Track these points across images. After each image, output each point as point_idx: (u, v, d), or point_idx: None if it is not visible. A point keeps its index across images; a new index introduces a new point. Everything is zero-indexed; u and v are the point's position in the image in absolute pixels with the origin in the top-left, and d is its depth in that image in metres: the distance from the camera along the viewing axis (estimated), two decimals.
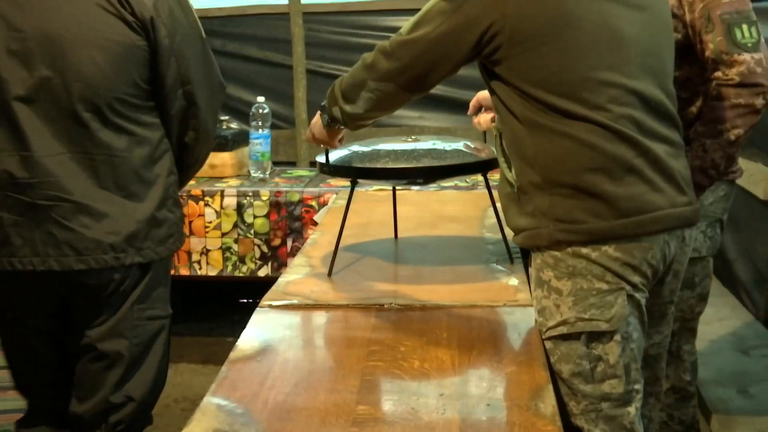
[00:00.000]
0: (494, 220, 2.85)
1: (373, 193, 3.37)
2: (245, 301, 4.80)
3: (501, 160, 1.91)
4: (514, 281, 2.21)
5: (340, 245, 2.44)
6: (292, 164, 4.91)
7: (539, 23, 1.72)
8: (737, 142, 2.16)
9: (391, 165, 2.19)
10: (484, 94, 2.30)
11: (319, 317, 2.00)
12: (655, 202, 1.78)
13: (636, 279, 1.79)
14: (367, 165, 2.20)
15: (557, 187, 1.78)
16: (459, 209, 3.09)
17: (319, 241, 2.65)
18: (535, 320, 1.90)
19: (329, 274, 2.27)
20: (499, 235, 2.62)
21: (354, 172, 2.23)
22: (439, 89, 4.65)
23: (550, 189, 1.78)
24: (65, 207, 2.06)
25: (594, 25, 1.73)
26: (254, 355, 1.78)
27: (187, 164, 2.29)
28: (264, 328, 1.94)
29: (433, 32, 1.78)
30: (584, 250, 1.77)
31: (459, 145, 2.32)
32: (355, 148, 2.34)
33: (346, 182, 3.67)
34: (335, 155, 2.29)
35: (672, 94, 1.86)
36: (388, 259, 2.45)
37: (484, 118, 2.37)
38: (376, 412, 1.52)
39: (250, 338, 1.88)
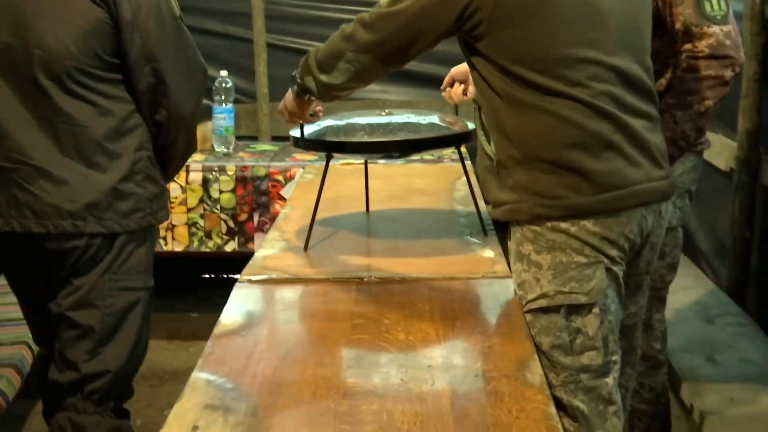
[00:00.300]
0: (464, 192, 2.89)
1: (341, 167, 3.36)
2: (208, 276, 4.80)
3: (480, 133, 1.92)
4: (489, 253, 2.23)
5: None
6: (254, 138, 4.87)
7: (519, 7, 1.73)
8: (707, 114, 2.19)
9: (367, 139, 2.19)
10: (457, 69, 2.31)
11: (300, 291, 2.00)
12: (633, 177, 1.80)
13: (614, 252, 1.82)
14: (343, 139, 2.20)
15: (537, 162, 1.79)
16: (427, 182, 3.09)
17: (290, 215, 2.65)
18: (515, 291, 1.92)
19: (305, 248, 2.27)
20: (471, 207, 2.65)
21: (330, 146, 2.22)
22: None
23: (529, 164, 1.80)
24: (26, 170, 2.10)
25: (575, 1, 1.75)
26: (239, 330, 1.78)
27: (161, 145, 2.27)
28: (245, 302, 1.94)
29: (414, 5, 1.78)
30: (563, 225, 1.79)
31: (433, 118, 2.33)
32: (329, 122, 2.34)
33: (313, 156, 3.73)
34: (309, 129, 2.29)
35: (650, 69, 1.88)
36: (361, 233, 2.46)
37: (455, 92, 2.38)
38: (366, 384, 1.53)
39: (232, 313, 1.88)
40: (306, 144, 2.25)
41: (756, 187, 3.44)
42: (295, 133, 2.30)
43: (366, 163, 2.66)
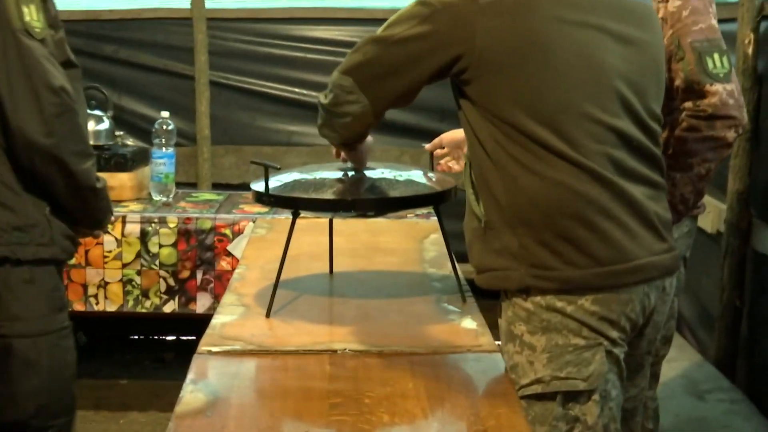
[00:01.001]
0: (434, 253, 2.90)
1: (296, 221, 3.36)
2: (137, 337, 4.74)
3: (469, 191, 1.93)
4: (471, 323, 2.22)
5: (271, 281, 2.42)
6: (193, 186, 4.86)
7: (508, 50, 1.75)
8: (707, 176, 2.24)
9: (340, 196, 2.19)
10: (448, 137, 2.33)
11: (267, 365, 1.98)
12: (632, 251, 1.81)
13: (614, 334, 1.83)
14: (313, 195, 2.20)
15: (527, 228, 1.81)
16: (393, 240, 3.09)
17: (246, 276, 2.63)
18: (505, 369, 1.92)
19: (267, 314, 2.25)
20: (444, 270, 2.66)
21: (298, 203, 2.22)
22: None
23: (519, 229, 1.81)
24: None
25: (570, 53, 1.77)
26: (203, 409, 1.75)
27: (34, 176, 2.28)
28: (208, 377, 1.91)
29: (400, 34, 1.82)
30: (559, 304, 1.81)
31: (413, 174, 2.34)
32: (296, 175, 2.34)
33: (263, 209, 3.71)
34: (273, 183, 2.28)
35: (656, 134, 1.90)
36: (327, 298, 2.44)
37: (444, 164, 2.40)
38: None
39: (194, 389, 1.84)
40: (271, 200, 2.24)
41: (746, 252, 3.51)
42: (258, 186, 2.29)
43: (331, 221, 2.66)
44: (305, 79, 4.91)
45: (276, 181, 2.30)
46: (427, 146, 2.39)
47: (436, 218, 3.39)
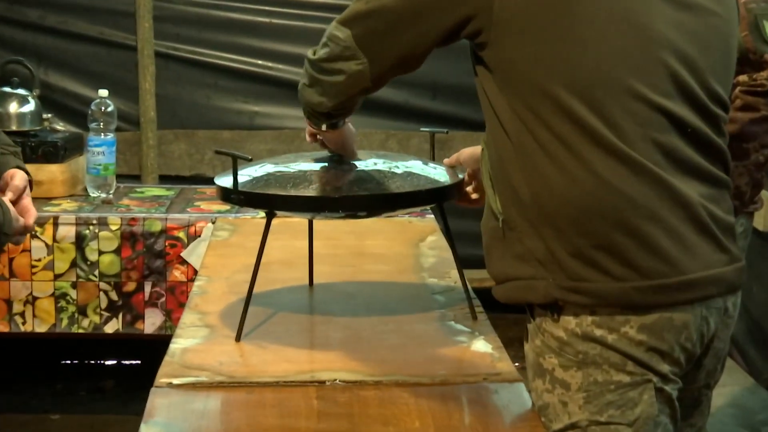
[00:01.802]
0: (434, 259, 2.89)
1: (261, 221, 3.33)
2: (69, 362, 4.72)
3: (486, 182, 1.90)
4: (485, 346, 2.21)
5: (238, 296, 2.39)
6: (136, 179, 4.82)
7: (532, 7, 1.74)
8: (766, 165, 2.22)
9: (324, 192, 2.16)
10: (468, 153, 2.28)
11: (241, 400, 1.95)
12: (684, 263, 1.78)
13: (665, 368, 1.80)
14: (292, 192, 2.17)
15: (553, 231, 1.78)
16: (383, 244, 3.08)
17: (208, 290, 2.60)
18: (532, 402, 1.90)
19: (238, 337, 2.23)
20: (446, 281, 2.65)
21: (274, 202, 2.19)
22: None
23: (544, 230, 1.79)
24: None
25: (607, 12, 1.74)
26: None
27: None
28: (170, 417, 1.89)
29: None
30: (598, 332, 1.78)
31: (408, 164, 2.32)
32: (270, 167, 2.31)
33: (224, 206, 3.68)
34: (241, 177, 2.25)
35: (717, 121, 1.85)
36: (308, 316, 2.43)
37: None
38: None
39: None
40: (241, 198, 2.21)
41: None
42: (224, 181, 2.26)
43: (311, 222, 2.63)
44: (271, 49, 4.88)
45: (244, 175, 2.26)
46: (448, 164, 2.36)
47: (431, 216, 3.42)
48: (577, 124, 1.74)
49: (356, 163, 2.28)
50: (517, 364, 2.14)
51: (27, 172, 2.47)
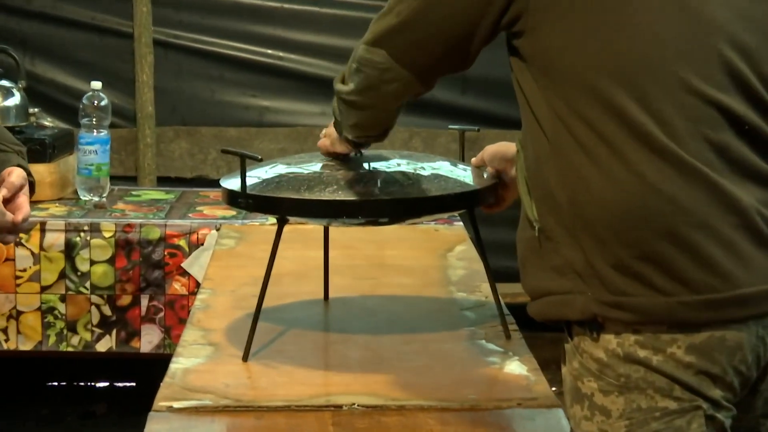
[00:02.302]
0: (463, 271, 2.91)
1: (270, 227, 3.34)
2: (57, 384, 4.73)
3: (522, 189, 1.90)
4: (520, 367, 2.22)
5: (246, 311, 2.41)
6: (132, 180, 4.84)
7: None
8: None
9: (342, 196, 2.18)
10: (493, 150, 2.30)
11: (249, 426, 1.98)
12: (739, 276, 1.77)
13: (717, 393, 1.80)
14: (306, 195, 2.19)
15: (593, 240, 1.78)
16: (407, 254, 3.10)
17: (212, 304, 2.62)
18: (571, 431, 1.90)
19: (245, 357, 2.25)
20: (477, 295, 2.67)
21: (287, 207, 2.20)
22: None
23: (583, 239, 1.79)
24: None
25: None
26: None
27: None
28: None
29: None
30: (642, 353, 1.78)
31: (436, 165, 2.33)
32: (281, 168, 2.32)
33: (230, 211, 3.69)
34: (252, 178, 2.27)
35: None
36: (323, 333, 2.45)
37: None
38: None
39: None
40: (250, 202, 2.23)
41: None
42: (231, 183, 2.28)
43: (326, 230, 2.64)
44: (283, 37, 4.89)
45: (252, 177, 2.28)
46: (474, 164, 2.38)
47: (460, 224, 3.43)
48: (621, 120, 1.75)
49: (378, 164, 2.29)
50: (554, 388, 2.15)
51: (29, 173, 2.51)
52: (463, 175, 2.31)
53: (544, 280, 1.87)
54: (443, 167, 2.33)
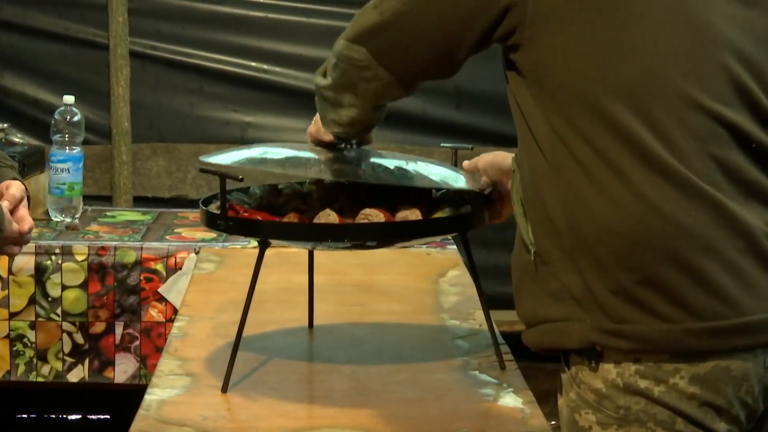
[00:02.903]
0: (456, 298, 2.91)
1: (252, 251, 3.35)
2: (26, 416, 4.72)
3: (518, 209, 1.91)
4: (515, 400, 2.23)
5: (225, 339, 2.41)
6: (107, 200, 4.84)
7: (573, 4, 1.77)
8: None
9: (328, 174, 2.23)
10: (488, 159, 2.30)
11: None
12: (745, 303, 1.78)
13: (722, 426, 1.80)
14: (290, 172, 2.24)
15: (593, 264, 1.79)
16: (397, 280, 3.11)
17: (190, 331, 2.63)
18: None
19: (224, 388, 2.25)
20: (470, 323, 2.67)
21: (269, 230, 2.22)
22: None
23: (582, 264, 1.80)
24: None
25: (660, 7, 1.77)
26: None
27: None
28: None
29: None
30: (642, 384, 1.78)
31: (452, 176, 2.32)
32: (267, 149, 2.35)
33: (210, 233, 3.69)
34: (237, 156, 2.28)
35: None
36: (307, 363, 2.45)
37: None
38: None
39: None
40: (230, 225, 2.24)
41: None
42: (210, 205, 2.30)
43: (311, 253, 2.65)
44: (267, 48, 4.91)
45: (237, 156, 2.33)
46: (466, 164, 2.38)
47: (453, 247, 3.44)
48: (622, 138, 1.76)
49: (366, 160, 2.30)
50: (553, 422, 2.15)
51: (25, 187, 2.55)
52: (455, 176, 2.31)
53: (540, 306, 1.88)
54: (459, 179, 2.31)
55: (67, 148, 3.84)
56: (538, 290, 1.87)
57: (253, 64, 4.92)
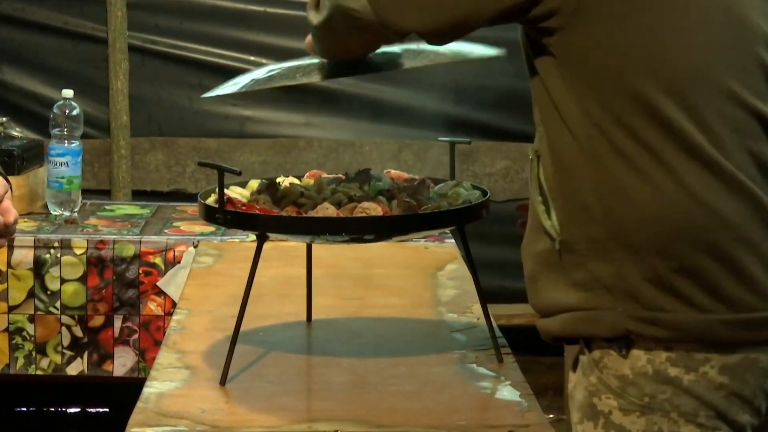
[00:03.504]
0: (454, 291, 2.91)
1: (250, 245, 3.35)
2: (25, 410, 4.72)
3: (536, 198, 1.89)
4: (512, 393, 2.23)
5: (224, 332, 2.42)
6: (106, 194, 4.84)
7: None
8: None
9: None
10: None
11: None
12: None
13: (744, 418, 1.81)
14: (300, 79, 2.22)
15: (630, 252, 1.79)
16: (395, 273, 3.11)
17: (188, 325, 2.63)
18: None
19: (223, 381, 2.26)
20: (468, 316, 2.67)
21: (267, 223, 2.23)
22: (339, 83, 4.70)
23: (618, 252, 1.79)
24: None
25: (706, 2, 1.78)
26: None
27: None
28: None
29: None
30: (673, 371, 1.78)
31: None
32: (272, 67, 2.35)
33: (209, 227, 3.69)
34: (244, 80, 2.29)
35: None
36: (306, 357, 2.46)
37: None
38: None
39: None
40: (228, 218, 2.24)
41: None
42: (209, 198, 2.30)
43: (309, 247, 2.65)
44: (266, 43, 4.91)
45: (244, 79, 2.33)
46: None
47: (451, 241, 3.43)
48: (667, 129, 1.76)
49: None
50: (551, 415, 2.16)
51: (8, 181, 2.54)
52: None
53: (562, 295, 1.86)
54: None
55: (66, 141, 3.83)
56: (561, 279, 1.86)
57: (252, 58, 4.90)
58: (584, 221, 1.82)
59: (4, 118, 4.09)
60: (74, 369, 3.59)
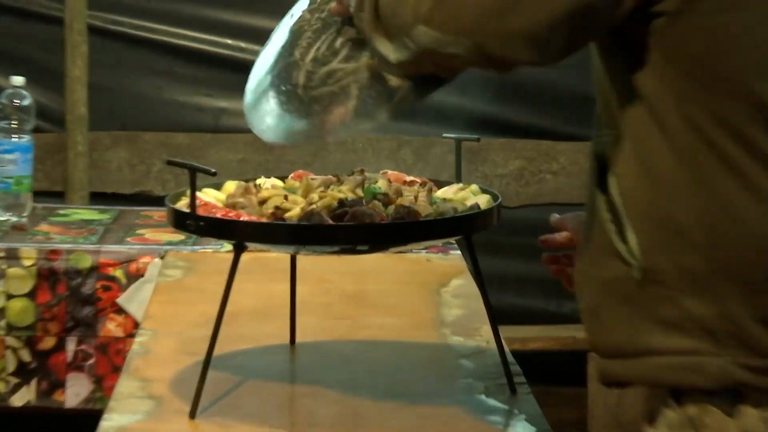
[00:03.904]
0: (460, 311, 2.91)
1: (226, 255, 3.35)
2: None
3: (604, 214, 1.84)
4: (526, 428, 2.23)
5: (194, 357, 2.41)
6: (59, 195, 4.83)
7: None
8: None
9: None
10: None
11: None
12: None
13: None
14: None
15: (739, 285, 1.75)
16: (392, 289, 3.12)
17: (154, 348, 2.63)
18: None
19: (192, 413, 2.25)
20: (475, 340, 2.67)
21: (245, 231, 2.22)
22: None
23: (722, 288, 1.75)
24: None
25: None
26: None
27: None
28: None
29: None
30: None
31: None
32: None
33: (177, 235, 3.69)
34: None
35: None
36: (289, 385, 2.47)
37: None
38: None
39: None
40: (201, 225, 2.23)
41: None
42: (177, 202, 2.29)
43: (293, 259, 2.64)
44: (245, 24, 4.91)
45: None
46: (543, 239, 2.30)
47: (457, 253, 3.44)
48: None
49: None
50: None
51: None
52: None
53: (646, 335, 1.79)
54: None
55: (15, 136, 3.84)
56: (641, 315, 1.80)
57: (230, 41, 4.91)
58: (678, 248, 1.77)
59: None
60: (20, 399, 3.59)
